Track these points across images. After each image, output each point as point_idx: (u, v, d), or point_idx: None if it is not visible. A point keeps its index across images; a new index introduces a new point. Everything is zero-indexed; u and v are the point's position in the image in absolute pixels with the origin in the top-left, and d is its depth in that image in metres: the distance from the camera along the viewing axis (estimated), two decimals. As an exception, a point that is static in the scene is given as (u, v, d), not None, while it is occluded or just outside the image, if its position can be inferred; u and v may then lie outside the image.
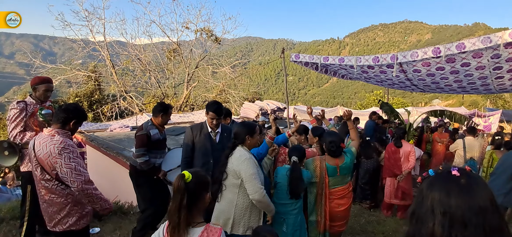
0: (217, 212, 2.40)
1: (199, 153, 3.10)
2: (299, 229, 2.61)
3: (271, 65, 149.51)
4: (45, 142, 2.02)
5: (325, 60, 5.98)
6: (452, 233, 0.83)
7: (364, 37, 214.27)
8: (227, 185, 2.36)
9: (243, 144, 2.44)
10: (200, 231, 1.42)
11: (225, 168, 2.38)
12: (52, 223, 2.11)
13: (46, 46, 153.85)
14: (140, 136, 3.18)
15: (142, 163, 3.14)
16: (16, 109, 2.99)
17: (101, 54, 15.45)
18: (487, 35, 4.02)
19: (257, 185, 2.23)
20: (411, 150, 4.71)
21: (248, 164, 2.28)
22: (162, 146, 3.43)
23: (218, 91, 17.90)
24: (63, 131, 2.11)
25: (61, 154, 1.98)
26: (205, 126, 3.16)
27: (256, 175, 2.27)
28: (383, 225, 4.36)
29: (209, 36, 17.45)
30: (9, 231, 3.43)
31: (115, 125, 8.27)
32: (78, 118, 2.21)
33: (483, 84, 5.94)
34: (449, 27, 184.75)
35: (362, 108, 26.91)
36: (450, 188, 0.88)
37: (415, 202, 0.96)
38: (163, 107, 3.33)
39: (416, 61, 4.91)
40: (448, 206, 0.85)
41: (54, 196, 2.07)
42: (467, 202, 0.84)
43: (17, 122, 2.98)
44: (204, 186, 1.49)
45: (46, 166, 2.02)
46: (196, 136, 3.12)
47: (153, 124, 3.29)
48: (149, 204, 3.33)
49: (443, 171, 0.94)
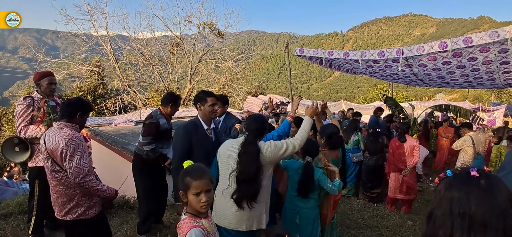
0: (249, 214, 2.15)
1: (198, 156, 2.47)
2: (312, 223, 2.57)
3: (274, 59, 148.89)
4: (54, 134, 2.10)
5: (330, 54, 5.94)
6: (471, 235, 0.82)
7: (368, 30, 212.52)
8: (264, 185, 2.18)
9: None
10: (182, 218, 1.53)
11: (261, 167, 2.13)
12: (62, 213, 2.17)
13: (49, 41, 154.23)
14: (149, 124, 3.15)
15: (149, 151, 3.12)
16: (23, 105, 3.02)
17: (103, 49, 15.44)
18: (495, 30, 3.97)
19: (292, 139, 2.23)
20: (415, 144, 4.70)
21: (274, 142, 2.21)
22: (168, 136, 3.42)
23: (221, 85, 17.86)
24: (71, 124, 2.19)
25: (68, 145, 2.04)
26: (200, 124, 2.65)
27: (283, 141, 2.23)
28: (387, 220, 4.37)
29: (211, 30, 17.39)
30: (17, 225, 3.46)
31: (119, 120, 8.30)
32: (83, 110, 2.26)
33: (489, 79, 5.88)
34: (454, 21, 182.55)
35: (365, 102, 26.80)
36: (469, 189, 0.86)
37: (433, 203, 0.94)
38: (173, 97, 3.33)
39: (422, 56, 4.87)
40: (468, 208, 0.83)
41: (63, 187, 2.14)
42: (487, 203, 0.83)
43: (23, 117, 3.00)
44: (181, 184, 1.52)
45: (56, 158, 2.08)
46: (193, 136, 2.57)
47: (162, 114, 3.28)
48: (148, 196, 3.34)
49: (461, 172, 0.93)
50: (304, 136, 2.28)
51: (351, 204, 5.00)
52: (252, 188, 2.08)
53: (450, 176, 0.93)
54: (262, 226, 2.22)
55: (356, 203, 5.06)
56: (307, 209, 2.56)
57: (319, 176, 2.51)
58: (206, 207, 1.51)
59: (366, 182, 5.17)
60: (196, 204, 1.48)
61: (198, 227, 1.46)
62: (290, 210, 2.59)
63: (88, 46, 15.32)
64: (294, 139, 2.25)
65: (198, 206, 1.49)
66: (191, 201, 1.49)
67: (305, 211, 2.55)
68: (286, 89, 43.03)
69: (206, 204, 1.50)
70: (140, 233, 3.36)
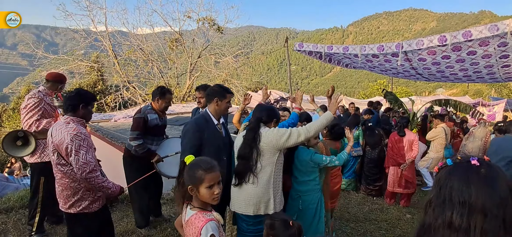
0: (256, 199, 2.22)
1: (209, 153, 2.35)
2: (315, 207, 2.60)
3: (274, 54, 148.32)
4: (60, 128, 2.12)
5: (329, 49, 5.92)
6: (471, 223, 0.82)
7: (368, 25, 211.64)
8: (263, 166, 2.22)
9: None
10: (191, 214, 1.50)
11: (253, 150, 2.20)
12: (67, 206, 2.20)
13: (48, 37, 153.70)
14: (136, 118, 3.14)
15: (136, 146, 3.06)
16: (35, 98, 2.97)
17: (103, 44, 15.42)
18: (494, 23, 3.96)
19: (299, 127, 2.28)
20: (414, 139, 4.72)
21: (278, 129, 2.29)
22: (159, 132, 3.35)
23: (221, 81, 17.84)
24: (77, 119, 2.20)
25: (73, 141, 2.06)
26: (210, 119, 2.53)
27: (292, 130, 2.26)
28: (386, 213, 4.40)
29: (211, 25, 17.35)
30: (18, 219, 3.49)
31: (119, 115, 8.32)
32: (85, 101, 2.24)
33: (489, 73, 5.88)
34: (455, 15, 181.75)
35: (366, 97, 26.76)
36: (470, 177, 0.86)
37: (432, 192, 0.94)
38: (160, 90, 3.25)
39: (421, 50, 4.86)
40: (468, 196, 0.84)
41: (68, 180, 2.16)
42: (488, 192, 0.83)
43: (35, 111, 2.96)
44: (190, 179, 1.48)
45: (61, 151, 2.11)
46: (204, 132, 2.46)
47: (152, 109, 3.24)
48: (136, 191, 3.30)
49: (462, 160, 0.93)
50: (313, 129, 2.26)
51: (351, 197, 5.04)
52: (242, 164, 2.23)
53: (450, 165, 0.94)
54: (269, 211, 2.24)
55: (355, 196, 5.10)
56: (308, 193, 2.60)
57: (311, 155, 2.56)
58: (218, 199, 1.52)
59: (369, 175, 5.19)
60: (209, 196, 1.48)
61: (212, 220, 1.47)
62: (293, 196, 2.64)
63: (87, 42, 15.31)
64: (301, 127, 2.28)
65: (211, 199, 1.49)
66: (204, 194, 1.48)
67: (306, 195, 2.60)
68: (286, 85, 42.90)
69: (218, 196, 1.51)
70: (139, 227, 3.38)
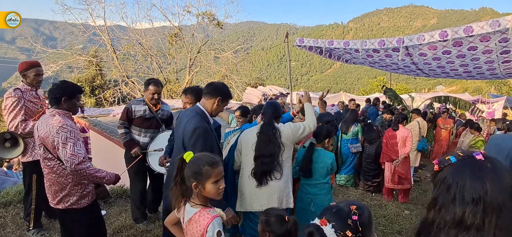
0: (279, 192, 2.24)
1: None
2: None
3: (274, 50, 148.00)
4: (46, 121, 2.07)
5: (330, 44, 5.90)
6: (486, 219, 0.80)
7: (369, 22, 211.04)
8: (283, 159, 2.29)
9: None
10: (194, 212, 1.47)
11: (277, 146, 2.24)
12: (55, 201, 2.16)
13: (47, 31, 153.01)
14: (124, 109, 3.27)
15: (119, 135, 3.24)
16: (13, 98, 2.79)
17: (101, 39, 15.33)
18: (496, 19, 3.94)
19: (307, 122, 2.39)
20: (408, 135, 4.71)
21: (293, 123, 2.40)
22: (147, 125, 3.26)
23: (220, 76, 17.80)
24: (63, 111, 2.13)
25: (59, 133, 2.00)
26: (207, 117, 2.29)
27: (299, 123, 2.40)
28: (385, 209, 4.40)
29: (211, 20, 17.25)
30: (16, 213, 3.48)
31: (118, 110, 8.27)
32: (68, 94, 2.13)
33: (489, 69, 5.86)
34: (456, 12, 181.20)
35: (365, 94, 26.74)
36: (481, 173, 0.84)
37: (436, 190, 0.92)
38: (146, 81, 3.31)
39: (422, 45, 4.83)
40: (484, 192, 0.82)
41: (55, 175, 2.11)
42: (499, 185, 0.82)
43: (16, 111, 2.80)
44: (195, 175, 1.45)
45: (48, 145, 2.06)
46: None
47: (142, 100, 3.26)
48: (131, 184, 3.36)
49: (467, 157, 0.90)
50: (314, 119, 2.43)
51: (349, 194, 5.04)
52: (268, 163, 2.22)
53: (454, 162, 0.91)
54: (289, 205, 2.30)
55: (354, 193, 5.10)
56: (321, 196, 2.61)
57: (332, 161, 2.66)
58: (222, 193, 1.53)
59: (367, 171, 5.19)
60: (215, 191, 1.47)
61: (217, 216, 1.46)
62: (304, 199, 2.64)
63: (85, 36, 15.22)
64: (307, 122, 2.40)
65: (217, 194, 1.48)
66: (210, 190, 1.46)
67: (318, 197, 2.60)
68: (286, 81, 42.78)
69: (222, 191, 1.52)
70: (136, 221, 3.36)
